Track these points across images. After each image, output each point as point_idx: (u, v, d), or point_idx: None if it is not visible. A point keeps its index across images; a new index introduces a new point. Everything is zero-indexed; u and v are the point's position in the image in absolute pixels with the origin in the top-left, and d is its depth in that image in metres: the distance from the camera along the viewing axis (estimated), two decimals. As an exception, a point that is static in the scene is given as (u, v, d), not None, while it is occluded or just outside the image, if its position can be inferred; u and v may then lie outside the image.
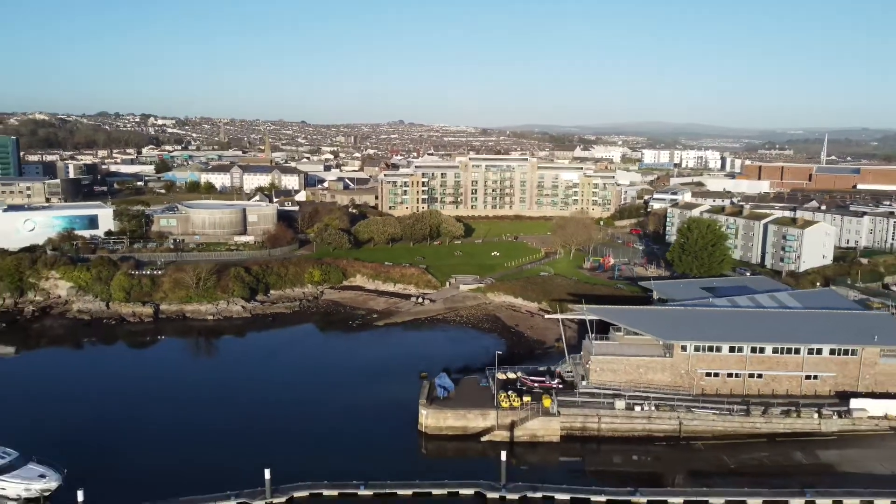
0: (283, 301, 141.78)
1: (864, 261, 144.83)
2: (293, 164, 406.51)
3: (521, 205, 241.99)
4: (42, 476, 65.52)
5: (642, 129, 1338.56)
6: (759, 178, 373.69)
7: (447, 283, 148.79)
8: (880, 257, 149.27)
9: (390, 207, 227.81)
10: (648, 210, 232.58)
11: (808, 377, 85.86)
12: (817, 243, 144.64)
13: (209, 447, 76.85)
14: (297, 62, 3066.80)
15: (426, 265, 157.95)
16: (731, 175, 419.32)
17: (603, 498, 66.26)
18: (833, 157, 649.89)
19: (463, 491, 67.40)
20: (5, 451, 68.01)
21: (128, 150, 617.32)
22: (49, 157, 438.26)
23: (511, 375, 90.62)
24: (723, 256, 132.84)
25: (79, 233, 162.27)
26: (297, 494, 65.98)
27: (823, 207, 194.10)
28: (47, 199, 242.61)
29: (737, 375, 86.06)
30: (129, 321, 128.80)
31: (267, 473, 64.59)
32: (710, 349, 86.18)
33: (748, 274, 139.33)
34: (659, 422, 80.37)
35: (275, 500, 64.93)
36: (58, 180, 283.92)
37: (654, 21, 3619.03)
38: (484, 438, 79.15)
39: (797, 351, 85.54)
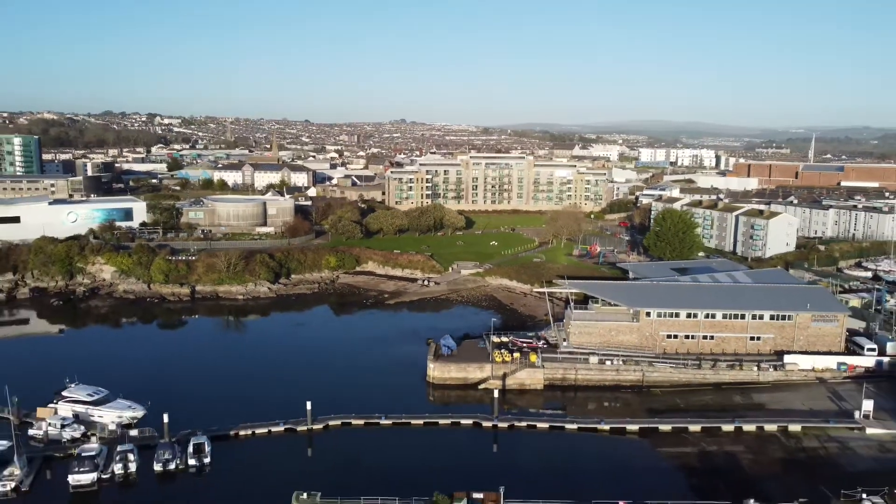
0: (304, 284, 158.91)
1: (822, 247, 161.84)
2: (300, 163, 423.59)
3: (518, 200, 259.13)
4: (130, 407, 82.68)
5: (644, 128, 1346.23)
6: (749, 176, 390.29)
7: (450, 269, 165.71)
8: (836, 244, 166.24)
9: (396, 202, 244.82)
10: (637, 205, 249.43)
11: (752, 338, 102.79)
12: (781, 232, 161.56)
13: (261, 387, 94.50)
14: (299, 61, 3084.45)
15: (431, 253, 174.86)
16: (723, 173, 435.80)
17: (574, 426, 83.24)
18: (828, 156, 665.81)
19: (463, 421, 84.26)
20: (98, 390, 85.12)
21: (137, 149, 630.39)
22: (62, 156, 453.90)
23: (504, 339, 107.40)
24: (692, 242, 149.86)
25: (117, 223, 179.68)
26: (331, 423, 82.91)
27: (796, 201, 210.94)
28: (70, 196, 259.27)
29: (692, 337, 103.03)
30: (169, 300, 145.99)
31: (308, 405, 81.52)
32: (671, 315, 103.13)
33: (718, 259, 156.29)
34: (625, 374, 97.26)
35: (314, 427, 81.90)
36: (80, 177, 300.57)
37: (656, 19, 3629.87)
38: (481, 386, 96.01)
39: (743, 316, 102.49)
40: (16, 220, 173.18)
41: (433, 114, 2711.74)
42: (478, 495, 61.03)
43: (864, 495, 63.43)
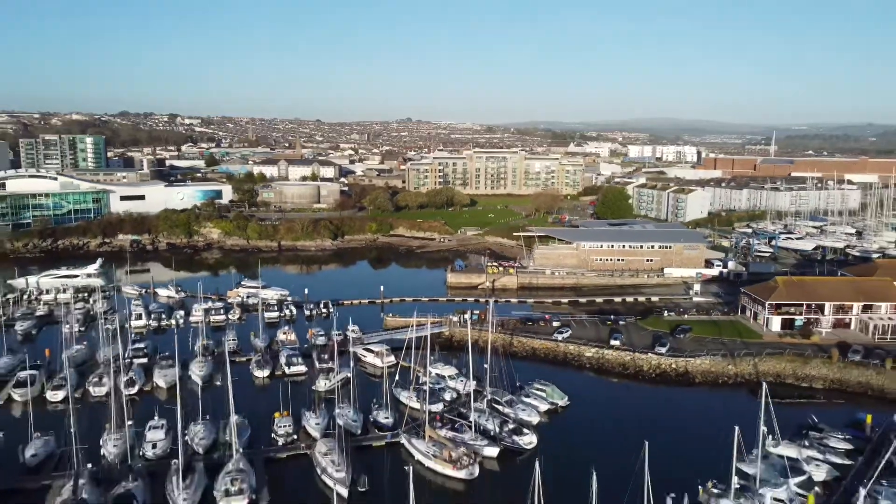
0: (354, 241, 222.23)
1: (724, 214, 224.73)
2: (325, 158, 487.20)
3: (512, 186, 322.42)
4: (280, 291, 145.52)
5: (647, 126, 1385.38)
6: (715, 168, 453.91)
7: (458, 232, 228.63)
8: (735, 213, 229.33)
9: (415, 187, 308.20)
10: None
11: (647, 260, 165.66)
12: (697, 204, 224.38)
13: (352, 287, 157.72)
14: (309, 63, 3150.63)
15: (444, 221, 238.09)
16: (694, 166, 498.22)
17: (531, 300, 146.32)
18: (810, 152, 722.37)
19: (470, 300, 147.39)
20: (260, 282, 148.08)
21: (169, 147, 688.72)
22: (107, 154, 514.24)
23: (494, 263, 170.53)
24: (626, 209, 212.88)
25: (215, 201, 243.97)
26: (395, 298, 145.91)
27: (723, 184, 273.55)
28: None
29: (610, 259, 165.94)
30: (263, 251, 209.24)
31: (381, 288, 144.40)
32: (597, 246, 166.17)
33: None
34: (568, 280, 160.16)
35: (392, 299, 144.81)
36: (147, 170, 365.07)
37: (659, 17, 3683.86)
38: (479, 287, 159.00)
39: (641, 246, 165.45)
40: (142, 197, 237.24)
41: (438, 113, 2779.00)
42: (477, 311, 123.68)
43: (667, 312, 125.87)
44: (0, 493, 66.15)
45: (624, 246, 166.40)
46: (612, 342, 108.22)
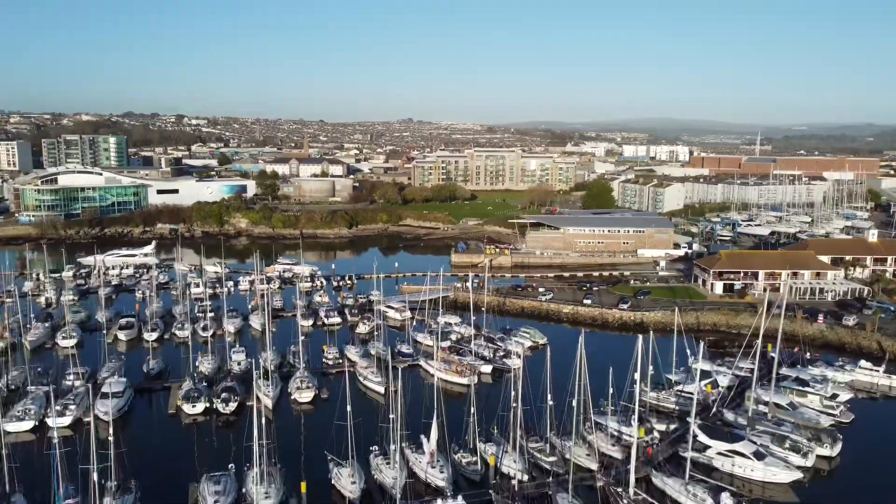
0: (367, 230, 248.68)
1: (697, 206, 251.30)
2: (332, 157, 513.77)
3: (509, 182, 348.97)
4: (313, 266, 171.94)
5: (648, 126, 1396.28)
6: (702, 167, 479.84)
7: (460, 221, 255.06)
8: (708, 205, 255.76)
9: (420, 183, 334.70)
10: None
11: (623, 242, 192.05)
12: (673, 197, 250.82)
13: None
14: (310, 64, 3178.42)
15: (448, 212, 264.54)
16: (682, 165, 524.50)
17: (523, 275, 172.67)
18: (802, 152, 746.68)
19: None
20: (294, 259, 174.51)
21: (179, 147, 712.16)
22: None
23: (491, 245, 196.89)
24: (609, 200, 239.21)
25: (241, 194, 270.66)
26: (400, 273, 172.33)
27: (702, 180, 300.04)
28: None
29: (591, 242, 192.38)
30: (286, 238, 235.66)
31: (396, 264, 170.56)
32: (581, 230, 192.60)
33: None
34: (555, 259, 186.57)
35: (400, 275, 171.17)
36: (168, 168, 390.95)
37: (659, 17, 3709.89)
38: (479, 265, 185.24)
39: (619, 231, 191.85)
40: (176, 191, 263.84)
41: (439, 113, 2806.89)
42: (477, 279, 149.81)
43: (633, 281, 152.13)
44: (138, 390, 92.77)
45: (603, 230, 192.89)
46: (585, 301, 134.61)
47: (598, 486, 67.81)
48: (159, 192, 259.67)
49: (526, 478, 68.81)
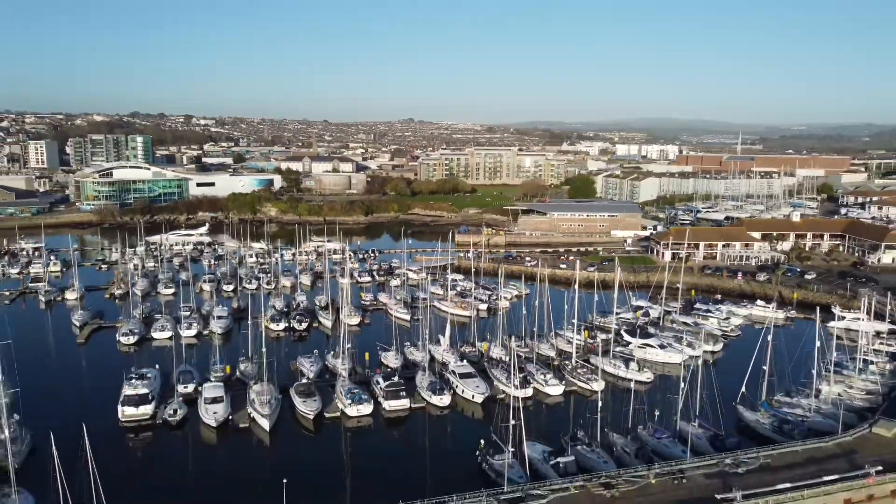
0: (381, 217, 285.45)
1: (668, 196, 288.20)
2: (340, 156, 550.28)
3: (506, 177, 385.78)
4: (334, 244, 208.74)
5: (646, 125, 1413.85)
6: (687, 164, 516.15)
7: (462, 210, 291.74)
8: (678, 196, 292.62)
9: (425, 178, 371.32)
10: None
11: (600, 225, 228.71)
12: (648, 189, 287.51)
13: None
14: (312, 64, 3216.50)
15: (451, 203, 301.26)
16: (668, 162, 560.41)
17: (514, 251, 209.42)
18: (790, 151, 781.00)
19: (469, 254, 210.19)
20: (326, 238, 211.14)
21: (191, 146, 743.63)
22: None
23: (489, 228, 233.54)
24: (592, 191, 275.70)
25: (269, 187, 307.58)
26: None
27: (678, 175, 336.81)
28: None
29: (573, 225, 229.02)
30: (312, 223, 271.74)
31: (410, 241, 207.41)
32: (564, 215, 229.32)
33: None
34: (541, 238, 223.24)
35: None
36: (192, 165, 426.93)
37: (659, 16, 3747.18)
38: (477, 243, 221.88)
39: (596, 215, 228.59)
40: (213, 184, 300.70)
41: (440, 113, 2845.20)
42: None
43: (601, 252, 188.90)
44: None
45: (583, 215, 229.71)
46: (561, 266, 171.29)
47: (554, 364, 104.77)
48: (198, 184, 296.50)
49: (507, 359, 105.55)
